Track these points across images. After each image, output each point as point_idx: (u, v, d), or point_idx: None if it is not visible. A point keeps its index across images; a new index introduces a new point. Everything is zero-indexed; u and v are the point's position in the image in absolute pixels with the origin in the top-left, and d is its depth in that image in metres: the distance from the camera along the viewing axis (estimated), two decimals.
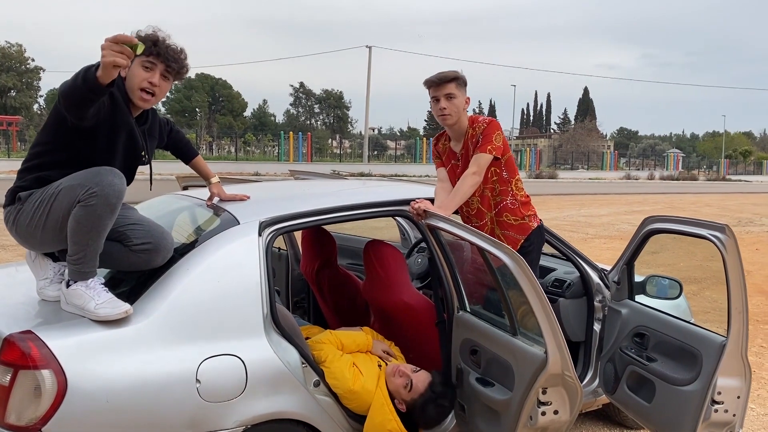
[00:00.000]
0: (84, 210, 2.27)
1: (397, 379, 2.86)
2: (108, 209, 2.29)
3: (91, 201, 2.26)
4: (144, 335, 2.35)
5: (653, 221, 3.09)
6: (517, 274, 2.18)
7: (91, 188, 2.26)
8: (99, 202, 2.26)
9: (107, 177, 2.29)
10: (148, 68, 2.44)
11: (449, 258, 2.93)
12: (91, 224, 2.28)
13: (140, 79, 2.43)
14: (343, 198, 3.05)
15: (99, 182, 2.27)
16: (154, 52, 2.42)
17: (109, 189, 2.27)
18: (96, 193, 2.26)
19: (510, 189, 3.26)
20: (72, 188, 2.30)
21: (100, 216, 2.28)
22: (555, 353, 2.18)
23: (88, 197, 2.26)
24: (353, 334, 3.13)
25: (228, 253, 2.60)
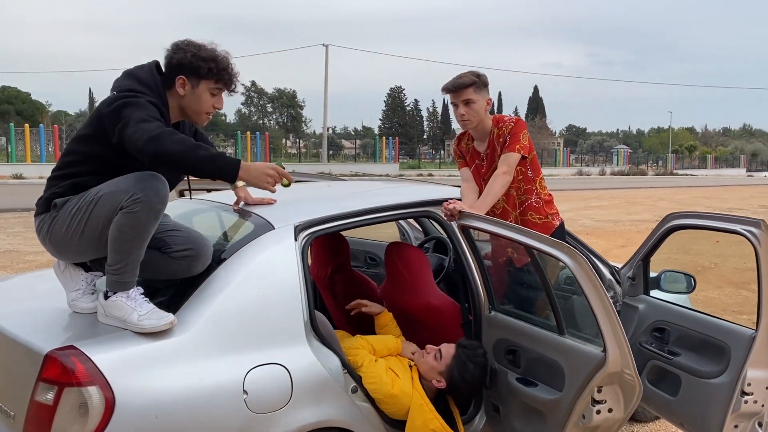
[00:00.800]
0: (127, 217, 2.17)
1: (426, 357, 2.86)
2: (153, 215, 2.20)
3: (135, 207, 2.16)
4: (188, 347, 2.27)
5: (676, 217, 3.14)
6: (578, 272, 2.18)
7: (135, 194, 2.16)
8: (143, 208, 2.17)
9: (152, 182, 2.20)
10: (215, 94, 2.45)
11: (480, 258, 2.91)
12: (134, 232, 2.18)
13: (208, 105, 2.45)
14: (373, 199, 3.00)
15: (143, 188, 2.18)
16: (226, 79, 2.42)
17: (153, 194, 2.18)
18: (140, 198, 2.16)
19: (534, 188, 3.27)
20: (114, 194, 2.20)
21: (145, 223, 2.19)
22: (615, 351, 2.19)
23: (132, 203, 2.16)
24: (383, 338, 3.09)
25: (266, 260, 2.52)
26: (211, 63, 2.38)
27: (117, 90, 2.35)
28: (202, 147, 2.22)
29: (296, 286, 2.52)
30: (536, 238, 2.37)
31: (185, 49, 2.39)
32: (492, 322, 2.92)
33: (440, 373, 2.82)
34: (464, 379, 2.79)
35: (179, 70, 2.40)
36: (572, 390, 2.39)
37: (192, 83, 2.41)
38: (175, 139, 2.16)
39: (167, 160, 2.17)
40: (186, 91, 2.43)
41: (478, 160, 3.33)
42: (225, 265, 2.48)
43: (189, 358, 2.25)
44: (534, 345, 2.63)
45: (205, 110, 2.47)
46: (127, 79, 2.38)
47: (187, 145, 2.18)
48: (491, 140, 3.24)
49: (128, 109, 2.21)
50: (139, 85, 2.35)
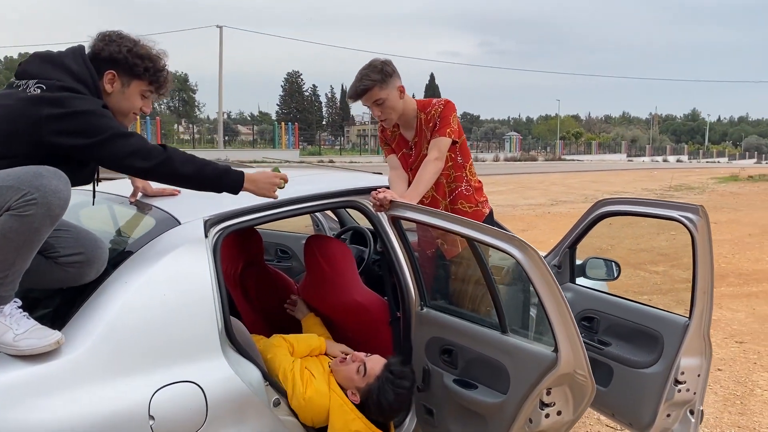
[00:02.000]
0: (15, 220, 1.75)
1: (348, 365, 2.56)
2: (48, 221, 1.80)
3: (28, 210, 1.75)
4: (79, 368, 1.89)
5: (607, 204, 3.06)
6: (529, 267, 1.99)
7: (29, 193, 1.75)
8: (38, 212, 1.76)
9: (52, 181, 1.79)
10: (146, 96, 2.19)
11: (411, 251, 2.68)
12: (22, 239, 1.77)
13: (136, 107, 2.18)
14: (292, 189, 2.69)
15: (40, 187, 1.77)
16: (158, 82, 2.18)
17: (52, 197, 1.78)
18: (36, 200, 1.75)
19: (465, 175, 3.07)
20: (0, 190, 1.77)
21: (37, 230, 1.78)
22: (568, 351, 2.02)
23: (25, 205, 1.75)
24: (305, 336, 2.81)
25: (172, 260, 2.16)
26: (148, 62, 2.12)
27: (47, 85, 1.94)
28: (208, 165, 2.12)
29: (208, 290, 2.18)
30: (481, 230, 2.16)
31: (119, 43, 2.08)
32: (424, 319, 2.71)
33: (357, 388, 2.55)
34: (379, 404, 2.50)
35: (110, 64, 2.09)
36: (518, 393, 2.21)
37: (123, 81, 2.12)
38: (184, 159, 2.06)
39: (173, 182, 2.13)
40: (114, 89, 2.11)
41: (406, 148, 3.09)
42: (122, 268, 2.10)
43: (80, 383, 1.87)
44: (473, 344, 2.44)
45: (132, 110, 2.18)
46: (56, 71, 1.98)
47: (197, 164, 2.09)
48: (418, 126, 3.01)
49: (92, 120, 1.92)
50: (74, 81, 1.98)
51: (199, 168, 2.08)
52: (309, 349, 2.75)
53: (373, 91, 2.89)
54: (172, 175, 2.06)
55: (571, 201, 18.05)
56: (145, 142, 2.01)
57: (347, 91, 3.03)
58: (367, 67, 2.91)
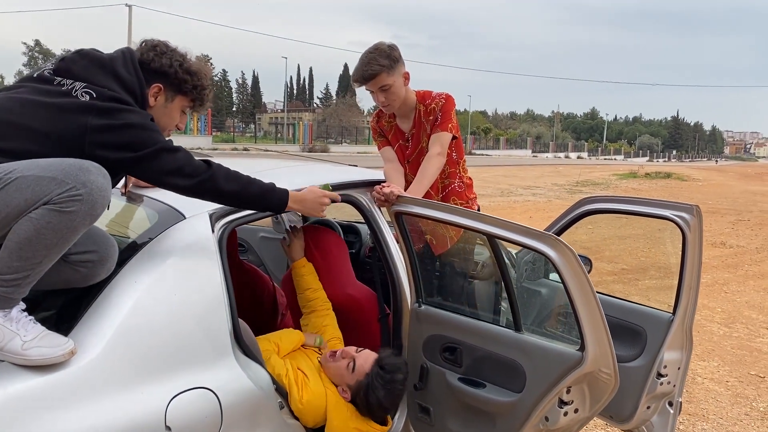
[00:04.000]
0: (55, 216, 1.56)
1: (338, 361, 2.48)
2: (88, 221, 1.63)
3: (71, 206, 1.56)
4: (91, 378, 1.71)
5: (592, 201, 3.11)
6: (564, 267, 1.98)
7: (75, 188, 1.57)
8: (81, 209, 1.58)
9: (99, 178, 1.63)
10: (185, 113, 2.11)
11: (412, 248, 2.63)
12: (58, 237, 1.58)
13: (174, 123, 2.10)
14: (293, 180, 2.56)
15: (88, 183, 1.59)
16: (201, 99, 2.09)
17: (98, 195, 1.61)
18: (81, 196, 1.57)
19: (458, 171, 3.04)
20: (39, 181, 1.56)
21: (75, 228, 1.60)
22: (595, 351, 2.03)
23: (69, 200, 1.56)
24: (285, 333, 2.68)
25: (181, 257, 2.01)
26: (197, 80, 2.03)
27: (97, 93, 1.78)
28: (252, 182, 2.04)
29: (218, 289, 2.05)
30: (509, 228, 2.13)
31: (170, 56, 1.98)
32: (421, 316, 2.66)
33: (348, 385, 2.47)
34: (368, 401, 2.43)
35: (159, 77, 1.98)
36: (535, 391, 2.21)
37: (167, 96, 2.01)
38: (228, 176, 1.97)
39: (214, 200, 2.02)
40: (158, 103, 1.99)
41: (402, 140, 3.02)
42: (130, 265, 1.92)
43: (92, 394, 1.69)
44: (481, 342, 2.42)
45: (171, 128, 2.09)
46: (107, 78, 1.83)
47: (241, 183, 2.00)
48: (417, 118, 2.94)
49: (141, 134, 1.80)
50: (124, 91, 1.84)
51: (243, 186, 2.00)
52: (293, 345, 2.64)
53: (380, 77, 2.80)
54: (215, 193, 1.96)
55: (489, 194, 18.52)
56: (191, 158, 1.90)
57: (352, 74, 2.88)
58: (374, 51, 2.81)
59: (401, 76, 2.88)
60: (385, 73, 2.81)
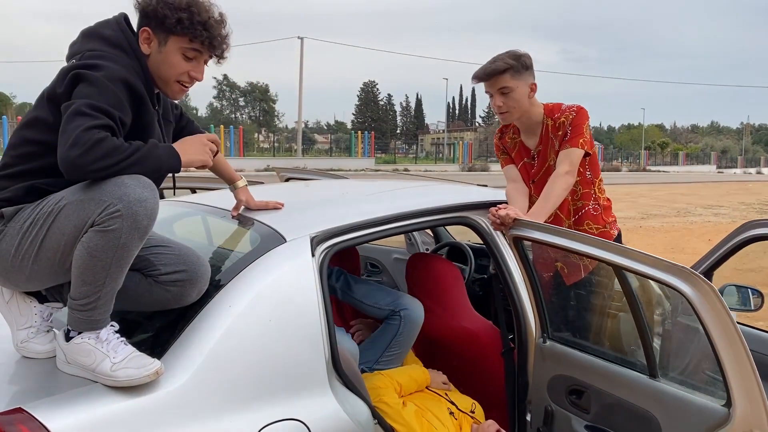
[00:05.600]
0: (101, 237, 1.58)
1: None
2: (137, 235, 1.61)
3: (113, 224, 1.57)
4: (179, 403, 1.69)
5: (756, 226, 2.66)
6: (702, 305, 1.66)
7: (112, 205, 1.57)
8: (124, 225, 1.58)
9: (135, 189, 1.60)
10: (191, 57, 1.85)
11: (534, 276, 2.39)
12: (110, 257, 1.59)
13: (180, 71, 1.86)
14: (401, 203, 2.45)
15: (123, 197, 1.58)
16: (204, 39, 1.81)
17: (138, 206, 1.59)
18: (120, 212, 1.57)
19: (593, 192, 2.74)
20: (82, 204, 1.61)
21: (125, 245, 1.60)
22: (745, 408, 1.68)
23: (109, 218, 1.57)
24: (408, 369, 2.56)
25: (278, 282, 1.96)
26: (182, 12, 1.78)
27: (75, 56, 1.76)
28: (137, 150, 1.65)
29: (315, 315, 1.96)
30: (637, 259, 1.84)
31: None
32: (546, 353, 2.40)
33: None
34: None
35: (144, 20, 1.84)
36: None
37: (159, 39, 1.83)
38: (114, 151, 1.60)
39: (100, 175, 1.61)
40: (151, 49, 1.84)
41: (527, 158, 2.78)
42: (226, 289, 1.91)
43: (181, 418, 1.68)
44: (611, 387, 2.12)
45: (176, 77, 1.87)
46: (92, 41, 1.79)
47: (124, 154, 1.61)
48: (544, 133, 2.69)
49: (79, 88, 1.65)
50: (108, 46, 1.76)
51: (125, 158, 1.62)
52: (416, 384, 2.50)
53: (503, 76, 2.59)
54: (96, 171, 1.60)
55: (663, 215, 17.10)
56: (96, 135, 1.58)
57: (474, 72, 2.67)
58: (503, 53, 2.62)
59: (527, 85, 2.65)
60: (509, 74, 2.59)
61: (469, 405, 2.51)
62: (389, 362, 2.65)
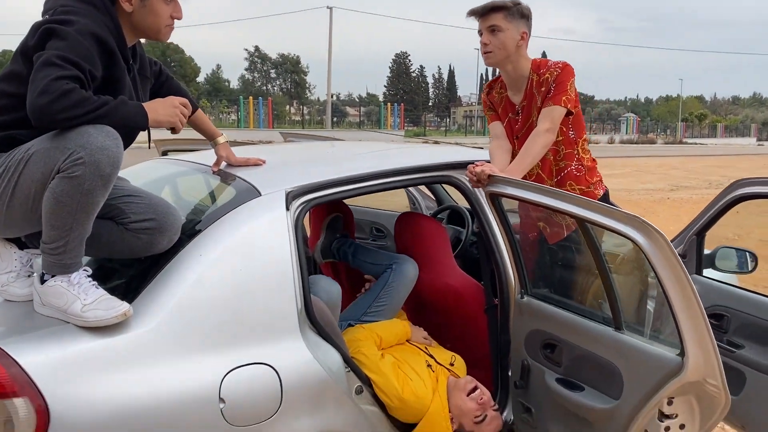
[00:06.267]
0: (66, 183, 1.66)
1: (469, 402, 2.34)
2: (99, 182, 1.68)
3: (76, 171, 1.65)
4: (148, 344, 1.78)
5: (747, 185, 2.63)
6: (655, 255, 1.68)
7: (75, 152, 1.65)
8: (87, 171, 1.65)
9: (98, 138, 1.67)
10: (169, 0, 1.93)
11: (511, 233, 2.41)
12: (75, 202, 1.67)
13: (165, 17, 1.95)
14: (381, 162, 2.49)
15: (86, 145, 1.65)
16: None
17: (100, 154, 1.66)
18: (82, 159, 1.65)
19: (576, 152, 2.70)
20: (48, 152, 1.69)
21: (89, 191, 1.67)
22: (698, 357, 1.70)
23: (72, 165, 1.65)
24: (390, 324, 2.61)
25: (250, 233, 2.02)
26: None
27: (48, 12, 1.82)
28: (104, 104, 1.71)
29: (288, 266, 2.02)
30: (594, 209, 1.85)
31: None
32: (524, 309, 2.43)
33: (461, 425, 2.34)
34: None
35: None
36: (633, 399, 1.90)
37: None
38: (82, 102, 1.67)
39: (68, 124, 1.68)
40: (134, 6, 1.90)
41: (512, 113, 2.76)
42: (198, 239, 1.98)
43: (148, 359, 1.77)
44: (581, 341, 2.14)
45: (165, 23, 1.96)
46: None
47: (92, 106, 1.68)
48: (529, 89, 2.67)
49: (50, 42, 1.71)
50: (77, 1, 1.81)
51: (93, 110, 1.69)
52: (396, 338, 2.56)
53: (496, 14, 2.56)
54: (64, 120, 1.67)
55: (694, 187, 16.75)
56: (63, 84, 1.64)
57: (471, 8, 2.64)
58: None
59: (518, 32, 2.61)
60: (502, 14, 2.57)
61: (448, 358, 2.56)
62: (377, 314, 2.71)
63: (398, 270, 2.70)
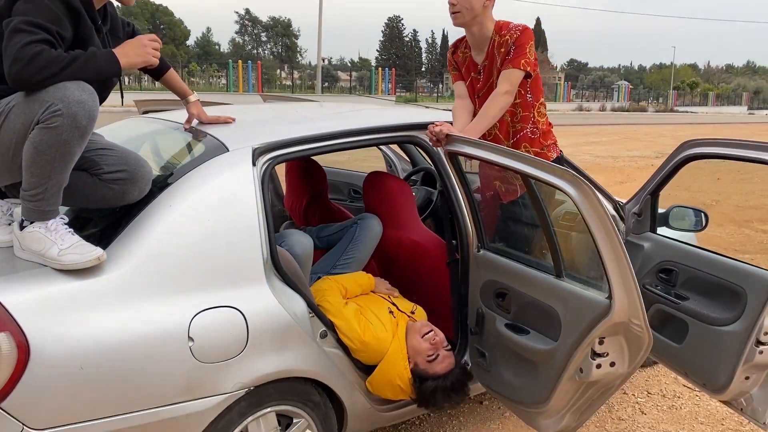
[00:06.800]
0: (45, 133, 1.78)
1: (423, 343, 2.52)
2: (76, 133, 1.81)
3: (54, 122, 1.77)
4: (121, 286, 1.93)
5: (694, 145, 2.77)
6: (583, 205, 1.82)
7: (54, 105, 1.77)
8: (64, 123, 1.77)
9: (74, 92, 1.79)
10: None
11: (470, 190, 2.55)
12: (54, 152, 1.80)
13: None
14: (348, 122, 2.61)
15: (64, 98, 1.77)
16: None
17: (77, 107, 1.78)
18: (60, 111, 1.77)
19: (532, 115, 2.83)
20: (27, 105, 1.81)
21: (66, 141, 1.80)
22: (623, 299, 1.86)
23: (51, 117, 1.77)
24: (354, 276, 2.77)
25: (217, 186, 2.16)
26: None
27: None
28: (75, 59, 1.82)
29: (253, 218, 2.17)
30: (535, 165, 2.00)
31: None
32: (480, 261, 2.59)
33: (416, 364, 2.50)
34: (425, 393, 2.50)
35: None
36: (569, 340, 2.08)
37: None
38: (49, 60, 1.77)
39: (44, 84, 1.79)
40: None
41: (474, 72, 2.86)
42: (168, 191, 2.11)
43: (121, 300, 1.91)
44: (527, 288, 2.31)
45: None
46: None
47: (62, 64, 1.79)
48: (491, 49, 2.77)
49: (17, 6, 1.80)
50: None
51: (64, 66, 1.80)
52: (360, 288, 2.72)
53: None
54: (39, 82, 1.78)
55: None
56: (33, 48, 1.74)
57: None
58: None
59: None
60: None
61: (410, 307, 2.73)
62: (345, 267, 2.87)
63: (362, 225, 2.85)
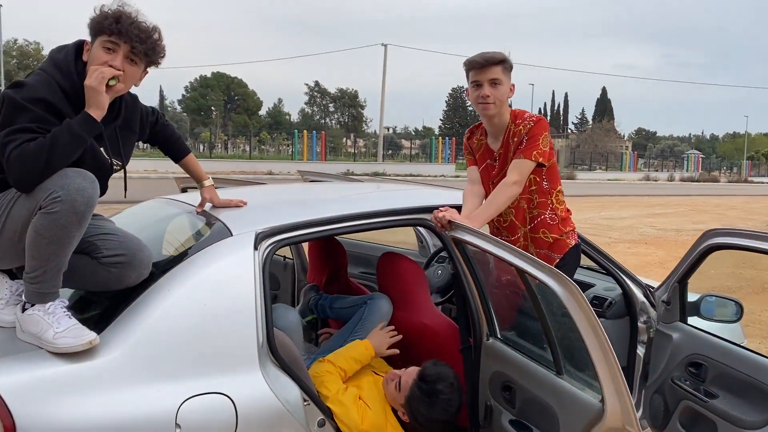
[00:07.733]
0: (45, 218, 1.89)
1: (388, 384, 2.52)
2: (75, 218, 1.91)
3: (54, 207, 1.88)
4: (112, 371, 1.96)
5: (716, 235, 2.65)
6: (569, 303, 1.76)
7: (55, 192, 1.88)
8: (64, 209, 1.88)
9: (75, 180, 1.92)
10: (110, 49, 2.06)
11: (477, 276, 2.51)
12: (53, 235, 1.90)
13: (99, 62, 2.04)
14: (355, 205, 2.64)
15: (65, 185, 1.89)
16: (115, 30, 2.01)
17: (76, 194, 1.89)
18: (60, 198, 1.88)
19: (550, 202, 2.80)
20: (33, 192, 1.93)
21: (65, 226, 1.90)
22: (614, 403, 1.76)
23: (51, 203, 1.88)
24: (349, 350, 2.69)
25: (217, 271, 2.20)
26: (106, 20, 2.03)
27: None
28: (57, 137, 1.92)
29: (251, 302, 2.18)
30: (521, 258, 1.95)
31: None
32: (489, 351, 2.52)
33: (402, 405, 2.46)
34: (415, 418, 2.43)
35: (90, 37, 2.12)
36: None
37: (92, 45, 2.08)
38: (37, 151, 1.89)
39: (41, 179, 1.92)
40: (89, 56, 2.08)
41: (490, 159, 2.88)
42: (169, 274, 2.16)
43: (112, 384, 1.94)
44: (529, 383, 2.22)
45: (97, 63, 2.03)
46: (47, 60, 2.13)
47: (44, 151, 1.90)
48: (506, 138, 2.79)
49: (4, 112, 1.95)
50: (53, 68, 2.07)
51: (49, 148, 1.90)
52: (358, 364, 2.65)
53: (497, 67, 2.72)
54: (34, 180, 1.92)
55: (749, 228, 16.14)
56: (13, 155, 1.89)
57: (470, 58, 2.77)
58: (492, 51, 2.76)
59: (509, 85, 2.78)
60: (502, 66, 2.73)
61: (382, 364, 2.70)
62: None
63: (372, 305, 2.84)
